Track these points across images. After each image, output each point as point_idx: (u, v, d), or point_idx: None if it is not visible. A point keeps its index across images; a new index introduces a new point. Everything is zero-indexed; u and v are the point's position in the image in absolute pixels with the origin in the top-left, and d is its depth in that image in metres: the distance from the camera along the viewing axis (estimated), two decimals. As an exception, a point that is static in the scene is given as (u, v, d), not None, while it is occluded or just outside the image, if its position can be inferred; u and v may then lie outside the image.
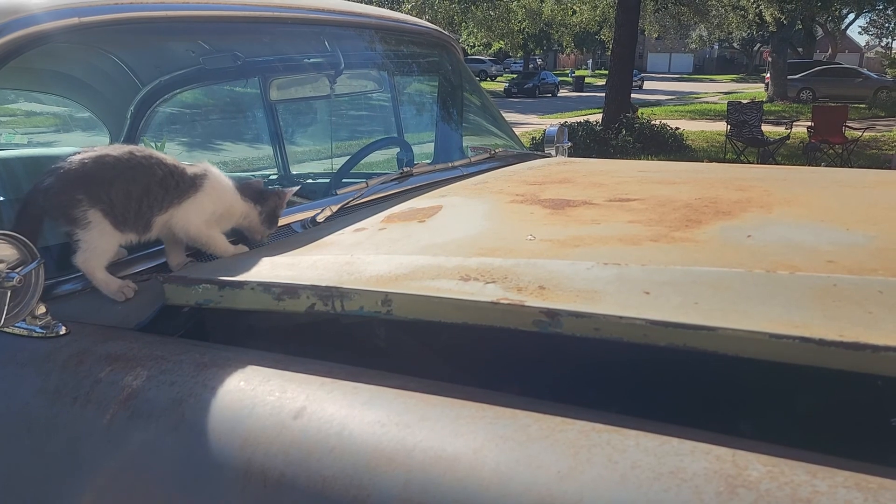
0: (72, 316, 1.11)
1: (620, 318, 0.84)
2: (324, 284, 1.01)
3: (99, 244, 1.16)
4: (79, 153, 1.17)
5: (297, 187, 1.45)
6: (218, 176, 1.30)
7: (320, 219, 1.42)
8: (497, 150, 2.21)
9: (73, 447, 0.94)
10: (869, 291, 0.85)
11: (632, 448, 0.69)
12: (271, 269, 1.12)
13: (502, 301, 0.90)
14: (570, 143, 2.66)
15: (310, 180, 2.47)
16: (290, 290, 1.03)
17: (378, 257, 1.12)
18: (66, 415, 0.96)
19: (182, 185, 1.23)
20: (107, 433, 0.92)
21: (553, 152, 2.56)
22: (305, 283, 1.02)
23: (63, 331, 1.07)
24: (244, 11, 1.67)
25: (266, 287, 1.04)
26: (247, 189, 1.33)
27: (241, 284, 1.06)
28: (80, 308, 1.14)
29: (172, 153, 2.48)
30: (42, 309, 1.06)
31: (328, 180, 2.16)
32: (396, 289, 0.97)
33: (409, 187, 1.72)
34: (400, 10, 14.01)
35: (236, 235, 1.34)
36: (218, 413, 0.87)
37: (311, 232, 1.41)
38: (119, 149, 1.21)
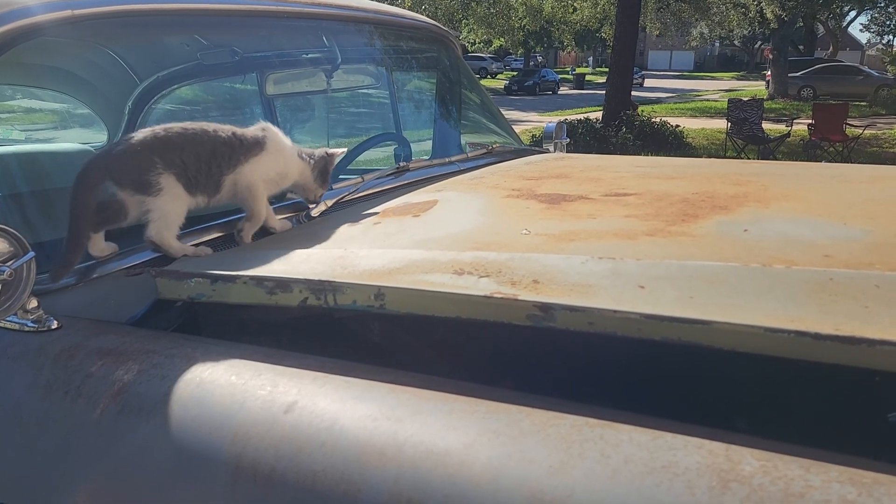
0: (63, 310, 1.10)
1: (615, 312, 0.83)
2: (316, 278, 1.00)
3: (171, 210, 1.20)
4: (140, 132, 1.21)
5: (345, 150, 1.50)
6: (278, 134, 1.34)
7: (315, 213, 1.42)
8: (495, 146, 2.21)
9: (64, 441, 0.93)
10: (865, 286, 0.85)
11: (624, 443, 0.69)
12: (264, 262, 1.11)
13: (496, 295, 0.90)
14: (568, 140, 2.65)
15: None
16: (283, 284, 1.02)
17: (372, 251, 1.11)
18: (57, 409, 0.95)
19: (245, 144, 1.28)
20: (97, 427, 0.91)
21: (551, 149, 2.55)
22: (298, 277, 1.02)
23: (55, 325, 1.06)
24: (240, 5, 1.66)
25: (258, 281, 1.04)
26: (305, 152, 1.39)
27: (234, 278, 1.06)
28: (71, 302, 1.14)
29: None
30: (34, 303, 1.05)
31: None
32: (390, 282, 0.97)
33: (405, 182, 1.71)
34: (400, 5, 14.00)
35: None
36: (209, 407, 0.86)
37: (305, 226, 1.41)
38: (180, 123, 1.25)
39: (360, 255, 1.09)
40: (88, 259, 1.22)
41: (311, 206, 1.45)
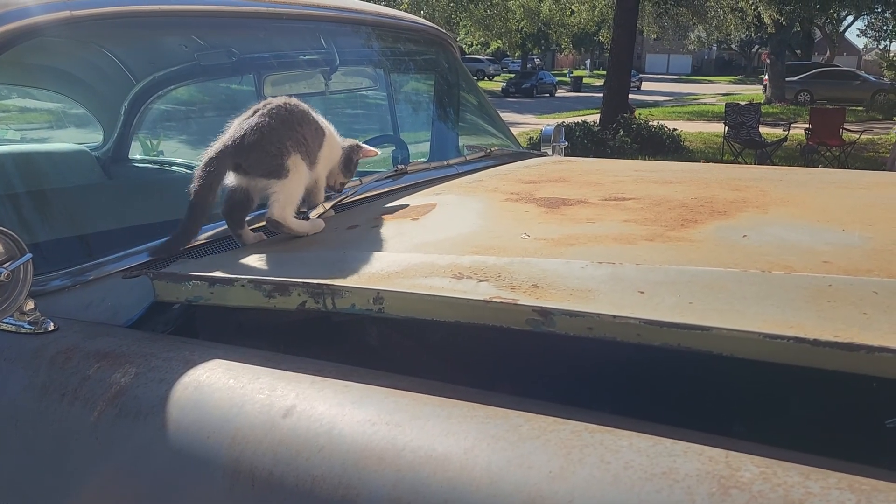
0: (61, 312, 1.10)
1: (614, 317, 0.83)
2: (315, 281, 1.00)
3: (294, 191, 1.25)
4: (255, 111, 1.24)
5: (378, 152, 1.58)
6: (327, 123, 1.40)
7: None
8: (493, 149, 2.20)
9: (60, 444, 0.93)
10: (864, 292, 0.85)
11: (624, 448, 0.69)
12: (263, 265, 1.11)
13: (495, 300, 0.89)
14: (566, 143, 2.65)
15: None
16: (281, 287, 1.02)
17: (370, 255, 1.11)
18: (53, 412, 0.95)
19: (320, 130, 1.34)
20: (94, 430, 0.91)
21: (549, 152, 2.55)
22: (297, 280, 1.01)
23: (52, 327, 1.06)
24: (238, 6, 1.66)
25: (257, 284, 1.03)
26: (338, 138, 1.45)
27: (232, 281, 1.05)
28: (69, 304, 1.13)
29: (167, 149, 2.48)
30: (30, 305, 1.05)
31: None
32: (388, 286, 0.97)
33: (404, 185, 1.71)
34: (398, 7, 14.00)
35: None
36: (206, 411, 0.86)
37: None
38: (280, 100, 1.27)
39: (359, 258, 1.09)
40: (85, 260, 1.22)
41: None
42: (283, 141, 1.22)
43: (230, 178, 1.23)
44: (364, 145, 1.48)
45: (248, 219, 1.31)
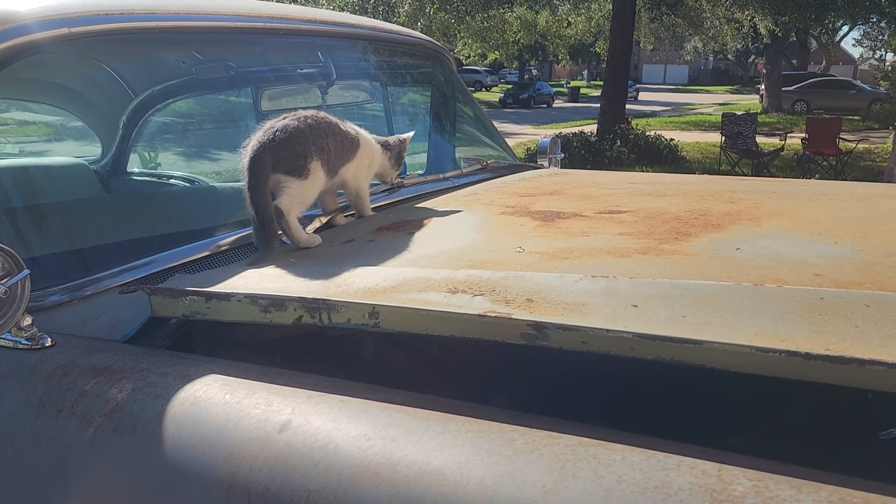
0: (58, 328, 1.10)
1: (608, 331, 0.84)
2: (311, 296, 1.00)
3: (307, 193, 1.32)
4: (285, 117, 1.33)
5: (413, 132, 1.68)
6: (367, 134, 1.51)
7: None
8: (489, 162, 2.21)
9: (56, 460, 0.93)
10: (856, 305, 0.85)
11: (618, 462, 0.69)
12: (259, 280, 1.11)
13: (490, 314, 0.90)
14: (563, 154, 2.66)
15: None
16: (278, 302, 1.02)
17: (366, 269, 1.12)
18: (50, 427, 0.95)
19: (354, 141, 1.44)
20: (91, 446, 0.91)
21: (546, 163, 2.56)
22: (293, 295, 1.02)
23: (49, 342, 1.06)
24: (234, 22, 1.67)
25: (253, 299, 1.04)
26: (381, 140, 1.57)
27: (228, 296, 1.06)
28: (66, 319, 1.14)
29: (165, 162, 2.48)
30: (28, 320, 1.05)
31: None
32: (384, 301, 0.97)
33: (400, 198, 1.71)
34: (395, 21, 14.05)
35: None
36: (202, 426, 0.86)
37: (300, 243, 1.40)
38: (313, 112, 1.37)
39: (355, 272, 1.10)
40: (83, 275, 1.23)
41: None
42: (309, 145, 1.30)
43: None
44: (404, 136, 1.64)
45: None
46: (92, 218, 1.59)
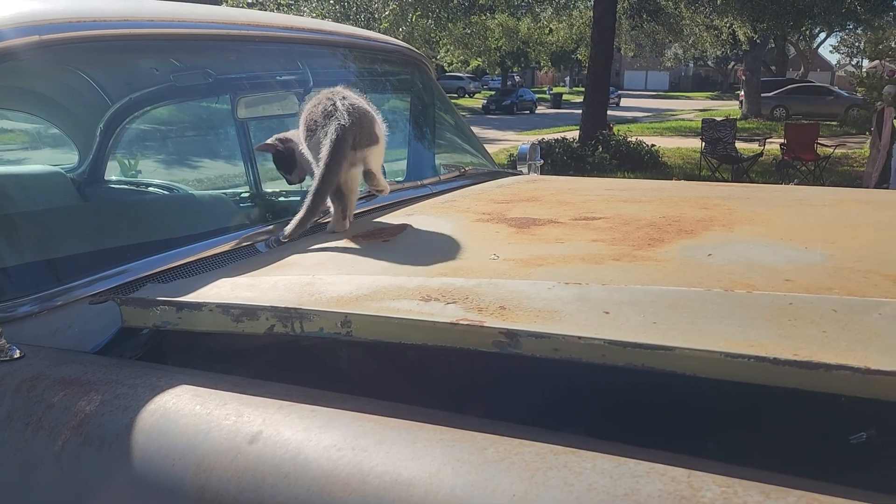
0: (27, 339, 1.09)
1: (579, 338, 0.84)
2: (283, 306, 1.00)
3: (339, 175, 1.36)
4: (330, 98, 1.41)
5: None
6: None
7: (284, 238, 1.41)
8: (468, 168, 2.22)
9: (23, 474, 0.92)
10: (824, 310, 0.86)
11: (588, 470, 0.69)
12: (231, 289, 1.10)
13: (462, 322, 0.90)
14: (542, 161, 2.67)
15: (281, 198, 2.45)
16: (249, 312, 1.02)
17: (340, 277, 1.11)
18: (17, 441, 0.93)
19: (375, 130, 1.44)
20: (58, 459, 0.89)
21: (526, 170, 2.57)
22: (265, 305, 1.01)
23: (17, 354, 1.04)
24: (213, 29, 1.66)
25: (225, 308, 1.03)
26: None
27: (200, 306, 1.05)
28: (35, 331, 1.12)
29: (144, 170, 2.46)
30: (-3, 333, 1.04)
31: (298, 199, 2.14)
32: (356, 310, 0.97)
33: (377, 206, 1.71)
34: (377, 27, 14.05)
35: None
36: (172, 438, 0.85)
37: (274, 251, 1.40)
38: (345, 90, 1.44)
39: (328, 281, 1.09)
40: (54, 285, 1.21)
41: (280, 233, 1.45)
42: (376, 118, 1.41)
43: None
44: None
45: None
46: (66, 227, 1.57)
